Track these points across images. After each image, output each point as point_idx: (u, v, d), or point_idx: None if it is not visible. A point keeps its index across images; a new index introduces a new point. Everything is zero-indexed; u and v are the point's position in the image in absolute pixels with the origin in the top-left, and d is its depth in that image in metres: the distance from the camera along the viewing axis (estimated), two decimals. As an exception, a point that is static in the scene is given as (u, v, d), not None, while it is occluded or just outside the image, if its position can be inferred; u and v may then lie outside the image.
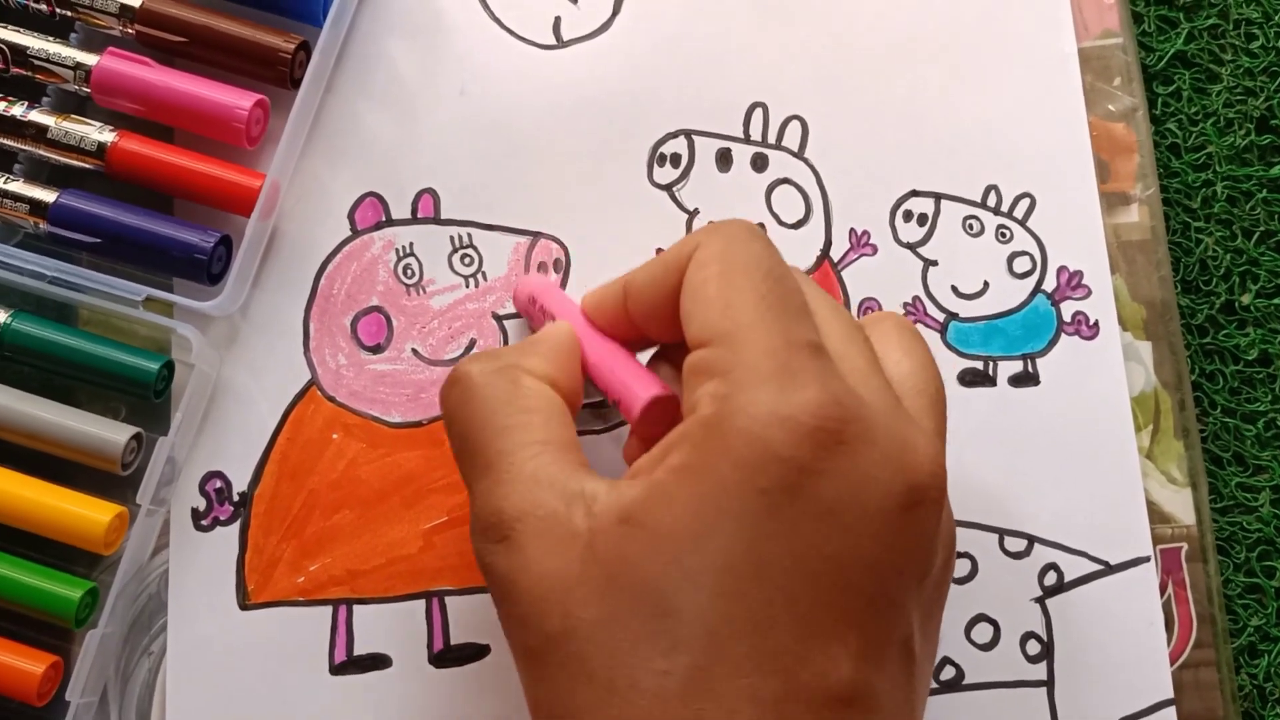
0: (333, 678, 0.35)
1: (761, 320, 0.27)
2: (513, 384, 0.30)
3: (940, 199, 0.38)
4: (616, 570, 0.26)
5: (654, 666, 0.25)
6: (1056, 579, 0.36)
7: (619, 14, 0.39)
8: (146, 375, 0.35)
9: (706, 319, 0.28)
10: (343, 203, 0.38)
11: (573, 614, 0.26)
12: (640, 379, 0.31)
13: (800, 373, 0.26)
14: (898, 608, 0.27)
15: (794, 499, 0.26)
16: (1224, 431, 0.39)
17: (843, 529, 0.26)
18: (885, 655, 0.27)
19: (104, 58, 0.36)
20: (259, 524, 0.36)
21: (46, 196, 0.36)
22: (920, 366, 0.30)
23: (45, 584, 0.34)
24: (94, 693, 0.35)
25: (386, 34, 0.39)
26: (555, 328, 0.32)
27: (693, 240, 0.30)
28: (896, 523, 0.27)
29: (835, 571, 0.26)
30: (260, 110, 0.37)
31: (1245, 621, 0.38)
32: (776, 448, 0.26)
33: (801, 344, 0.27)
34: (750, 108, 0.39)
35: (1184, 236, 0.40)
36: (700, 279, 0.29)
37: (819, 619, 0.26)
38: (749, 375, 0.26)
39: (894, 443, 0.27)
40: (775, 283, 0.28)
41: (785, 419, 0.26)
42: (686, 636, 0.25)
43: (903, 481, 0.27)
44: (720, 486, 0.26)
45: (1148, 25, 0.40)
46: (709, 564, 0.26)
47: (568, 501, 0.27)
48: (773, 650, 0.25)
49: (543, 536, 0.27)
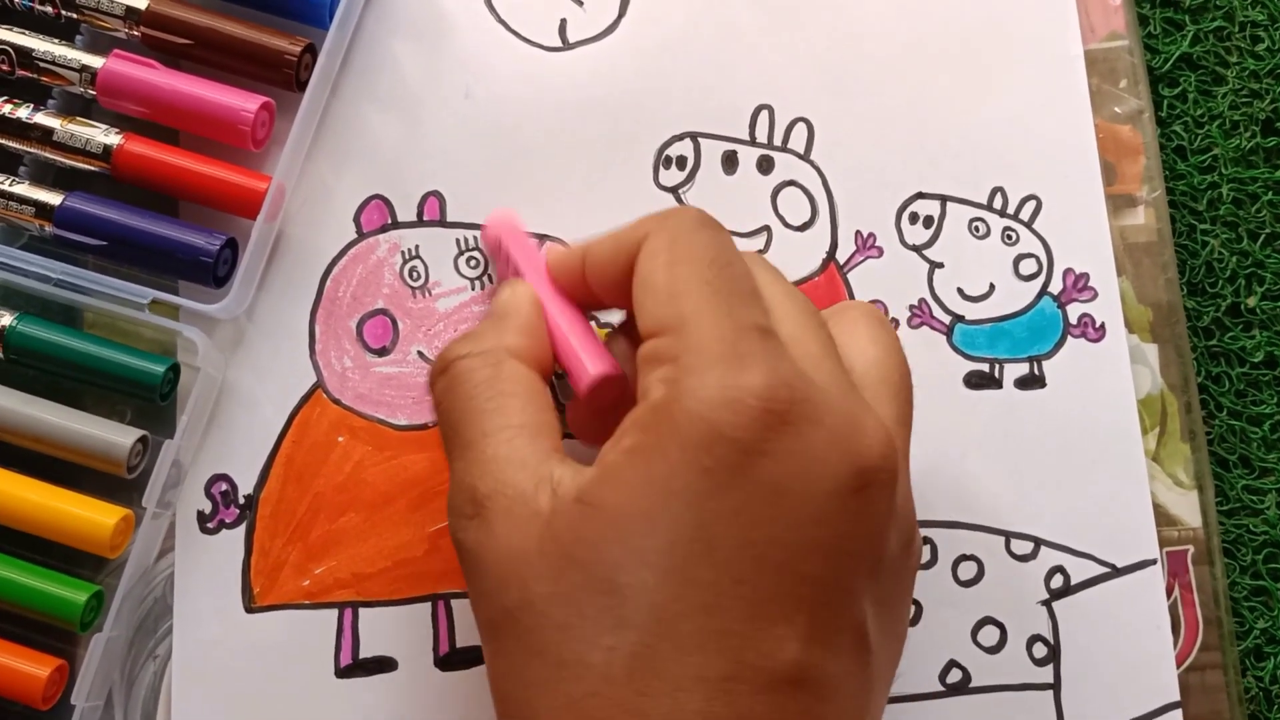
0: (338, 681, 0.35)
1: (709, 306, 0.28)
2: (494, 368, 0.30)
3: (946, 201, 0.38)
4: (570, 548, 0.27)
5: (601, 642, 0.26)
6: (1063, 582, 0.36)
7: (625, 16, 0.39)
8: (152, 378, 0.35)
9: (656, 309, 0.28)
10: (348, 205, 0.38)
11: (529, 588, 0.27)
12: (591, 354, 0.32)
13: (748, 355, 0.27)
14: (847, 592, 0.27)
15: (740, 479, 0.26)
16: (1230, 434, 0.39)
17: (790, 510, 0.26)
18: (835, 641, 0.27)
19: (109, 60, 0.36)
20: (265, 527, 0.36)
21: (52, 199, 0.36)
22: (885, 354, 0.31)
23: (50, 587, 0.34)
24: (99, 696, 0.35)
25: (392, 36, 0.39)
26: (521, 294, 0.33)
27: (643, 228, 0.30)
28: (845, 505, 0.27)
29: (782, 553, 0.26)
30: (266, 113, 0.37)
31: (1251, 624, 0.38)
32: (722, 428, 0.26)
33: (749, 327, 0.27)
34: (756, 110, 0.39)
35: (1190, 239, 0.40)
36: (648, 269, 0.29)
37: (766, 600, 0.26)
38: (697, 359, 0.27)
39: (843, 425, 0.27)
40: (721, 269, 0.29)
41: (731, 400, 0.26)
42: (633, 614, 0.26)
43: (850, 464, 0.27)
44: (668, 467, 0.26)
45: (1153, 27, 0.40)
46: (657, 544, 0.26)
47: (536, 483, 0.28)
48: (719, 630, 0.26)
49: (509, 514, 0.28)
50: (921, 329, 0.38)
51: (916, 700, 0.36)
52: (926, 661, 0.36)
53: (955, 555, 0.36)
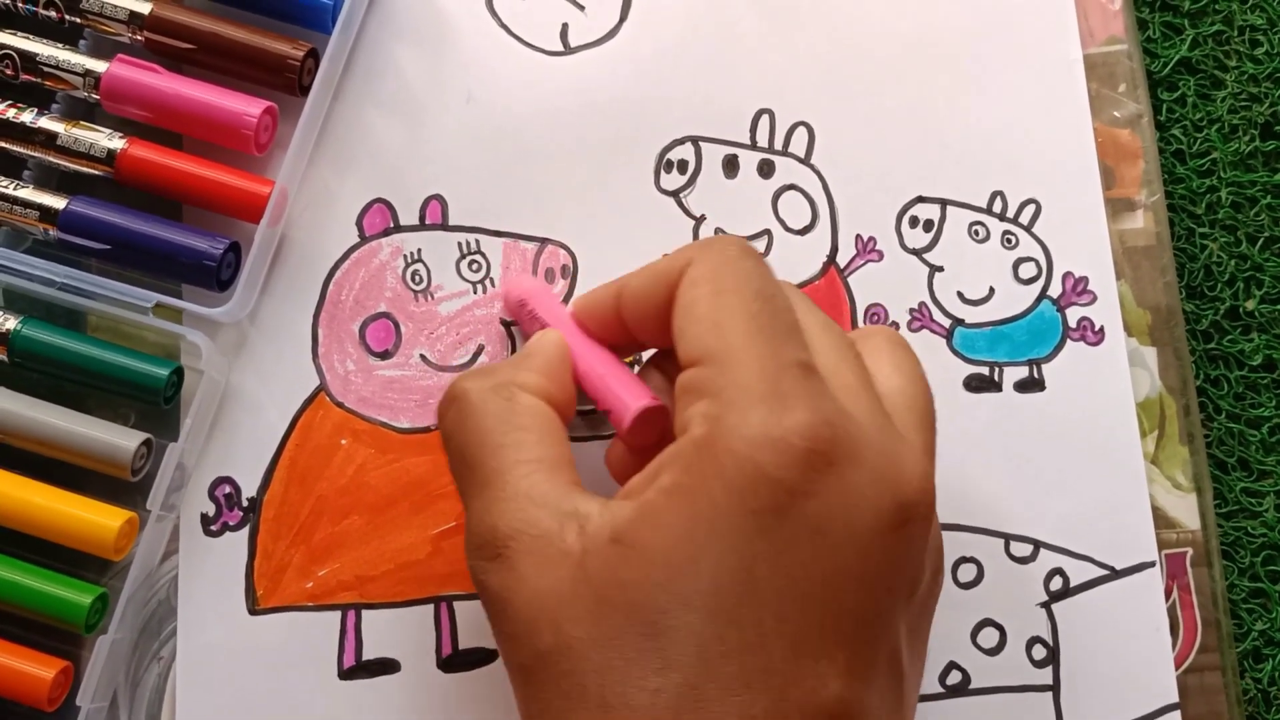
0: (342, 682, 0.36)
1: (752, 341, 0.28)
2: (508, 401, 0.30)
3: (946, 205, 0.39)
4: (608, 590, 0.26)
5: (647, 685, 0.26)
6: (1062, 584, 0.36)
7: (626, 20, 0.39)
8: (156, 381, 0.35)
9: (698, 339, 0.28)
10: (351, 209, 0.38)
11: (564, 631, 0.26)
12: (630, 388, 0.31)
13: (791, 394, 0.27)
14: (886, 624, 0.27)
15: (784, 520, 0.26)
16: (1228, 437, 0.39)
17: (832, 548, 0.26)
18: (873, 671, 0.27)
19: (113, 65, 0.37)
20: (268, 529, 0.36)
21: (56, 203, 0.36)
22: (910, 382, 0.31)
23: (55, 589, 0.34)
24: (104, 698, 0.35)
25: (394, 41, 0.39)
26: (546, 337, 0.33)
27: (685, 256, 0.30)
28: (885, 541, 0.27)
29: (825, 590, 0.26)
30: (269, 117, 0.37)
31: (1250, 626, 0.38)
32: (767, 469, 0.26)
33: (792, 364, 0.27)
34: (757, 114, 0.39)
35: (1189, 242, 0.40)
36: (691, 298, 0.29)
37: (809, 637, 0.26)
38: (740, 396, 0.27)
39: (883, 461, 0.27)
40: (765, 302, 0.28)
41: (776, 440, 0.26)
42: (678, 656, 0.26)
43: (891, 500, 0.27)
44: (711, 508, 0.26)
45: (1152, 31, 0.41)
46: (700, 586, 0.26)
47: (560, 520, 0.27)
48: (763, 669, 0.26)
49: (535, 555, 0.27)
50: (921, 332, 0.38)
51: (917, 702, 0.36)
52: (927, 663, 0.36)
53: (955, 557, 0.36)
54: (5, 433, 0.35)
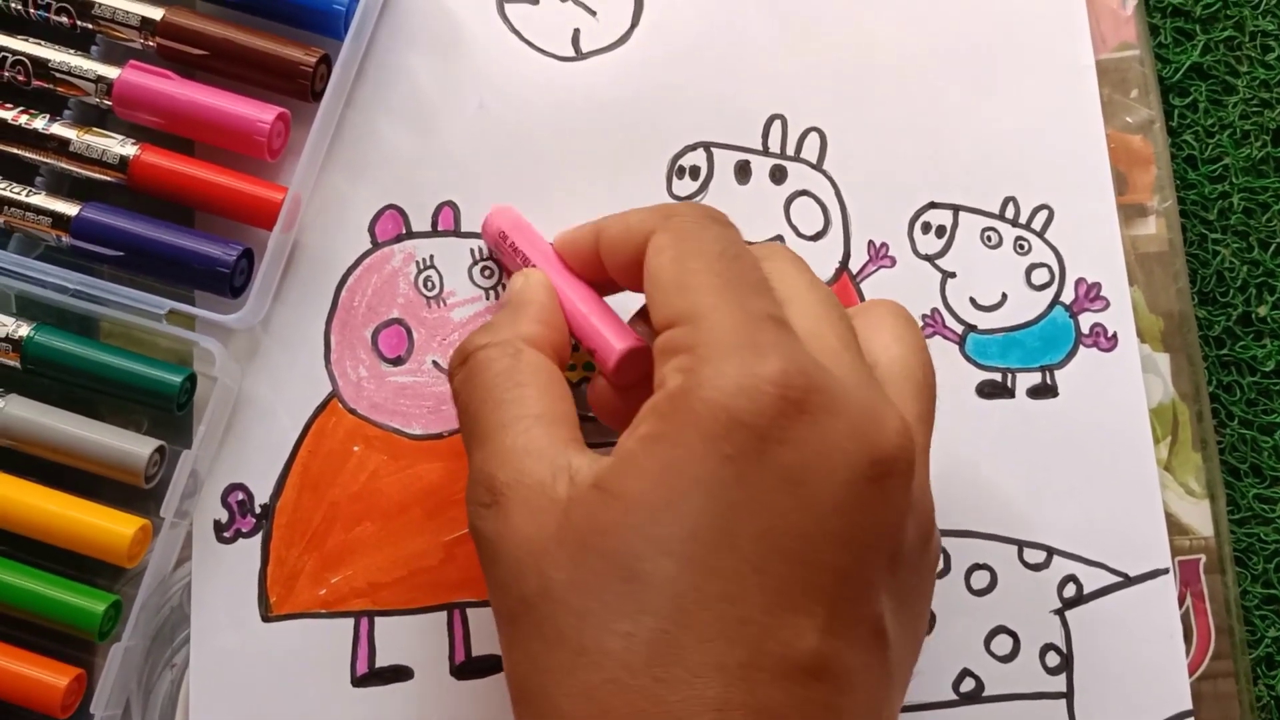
0: (355, 689, 0.36)
1: (720, 298, 0.28)
2: (513, 358, 0.31)
3: (958, 211, 0.39)
4: (589, 536, 0.27)
5: (620, 629, 0.26)
6: (1076, 591, 0.36)
7: (638, 26, 0.39)
8: (169, 388, 0.35)
9: (667, 303, 0.29)
10: (363, 215, 0.38)
11: (547, 576, 0.27)
12: (614, 329, 0.32)
13: (764, 344, 0.27)
14: (865, 584, 0.27)
15: (760, 467, 0.26)
16: (1241, 443, 0.39)
17: (808, 499, 0.26)
18: (854, 632, 0.27)
19: (125, 71, 0.36)
20: (281, 536, 0.36)
21: (69, 210, 0.36)
22: (910, 352, 0.31)
23: (69, 597, 0.34)
24: (117, 705, 0.35)
25: (406, 47, 0.39)
26: (535, 281, 0.33)
27: (650, 222, 0.31)
28: (863, 495, 0.27)
29: (801, 542, 0.26)
30: (282, 123, 0.37)
31: (1263, 633, 0.38)
32: (741, 415, 0.26)
33: (763, 317, 0.28)
34: (769, 120, 0.39)
35: (1201, 248, 0.40)
36: (656, 264, 0.30)
37: (786, 589, 0.26)
38: (713, 349, 0.27)
39: (860, 415, 0.27)
40: (731, 261, 0.29)
41: (749, 387, 0.26)
42: (653, 602, 0.26)
43: (868, 453, 0.27)
44: (688, 454, 0.26)
45: (1164, 37, 0.41)
46: (678, 532, 0.26)
47: (554, 472, 0.28)
48: (739, 618, 0.26)
49: (527, 502, 0.28)
50: (934, 338, 0.38)
51: (930, 709, 0.36)
52: (940, 670, 0.36)
53: (968, 564, 0.36)
54: (19, 440, 0.35)
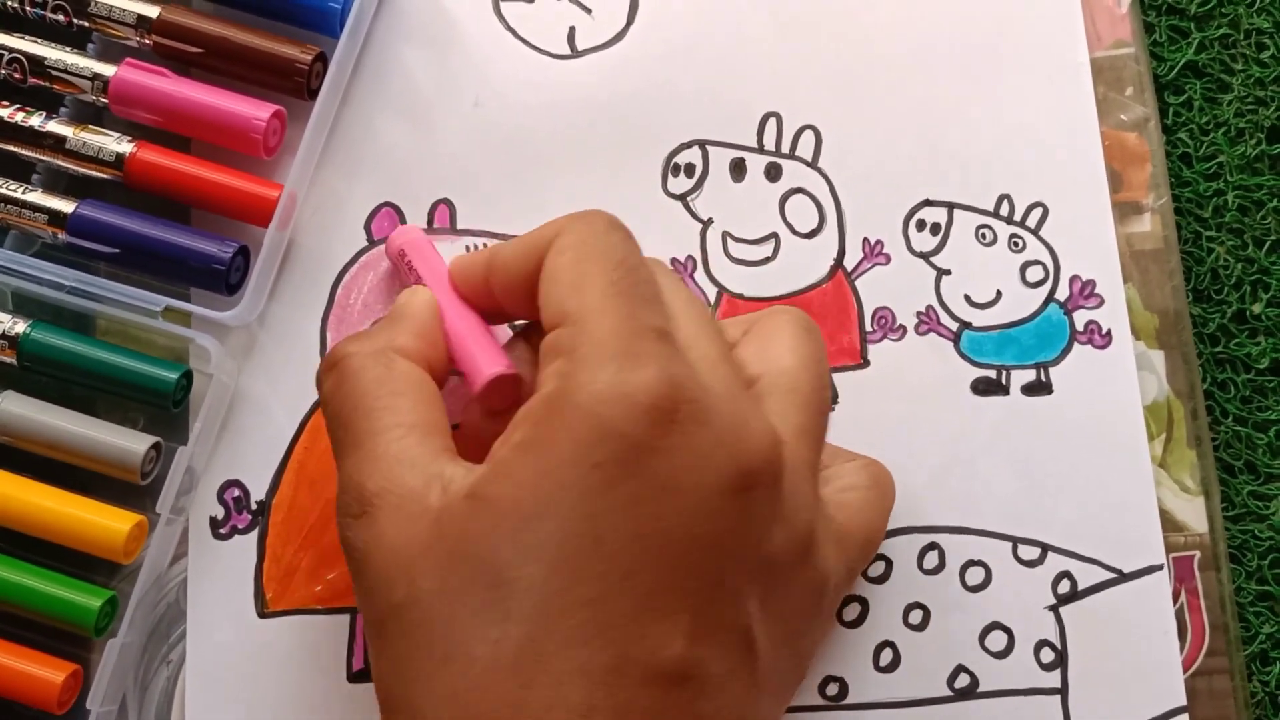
0: (351, 685, 0.36)
1: (609, 304, 0.28)
2: (386, 367, 0.30)
3: (953, 208, 0.39)
4: (458, 544, 0.27)
5: (487, 635, 0.26)
6: (1070, 587, 0.36)
7: (633, 24, 0.39)
8: (165, 385, 0.35)
9: (558, 301, 0.29)
10: (359, 213, 0.38)
11: (415, 584, 0.27)
12: (487, 353, 0.32)
13: (642, 354, 0.27)
14: (730, 591, 0.27)
15: (629, 475, 0.26)
16: (1236, 440, 0.39)
17: (677, 507, 0.27)
18: (719, 639, 0.27)
19: (121, 68, 0.37)
20: (277, 533, 0.36)
21: (65, 207, 0.36)
22: (801, 366, 0.31)
23: (65, 593, 0.34)
24: (113, 701, 0.35)
25: (402, 45, 0.39)
26: (418, 296, 0.33)
27: (555, 226, 0.31)
28: (727, 504, 0.27)
29: (668, 548, 0.27)
30: (277, 121, 0.37)
31: (1257, 629, 0.38)
32: (613, 423, 0.26)
33: (647, 329, 0.28)
34: (764, 118, 0.39)
35: (1195, 246, 0.40)
36: (555, 264, 0.30)
37: (653, 596, 0.26)
38: (592, 354, 0.27)
39: (729, 426, 0.28)
40: (627, 271, 0.29)
41: (623, 396, 0.27)
42: (519, 608, 0.26)
43: (734, 464, 0.27)
44: (559, 461, 0.26)
45: (1159, 35, 0.41)
46: (546, 537, 0.26)
47: (426, 481, 0.28)
48: (604, 623, 0.26)
49: (398, 511, 0.28)
50: (929, 335, 0.38)
51: (924, 705, 0.36)
52: (934, 666, 0.36)
53: (963, 561, 0.37)
54: (15, 436, 0.35)
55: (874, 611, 0.36)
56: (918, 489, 0.37)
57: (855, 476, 0.34)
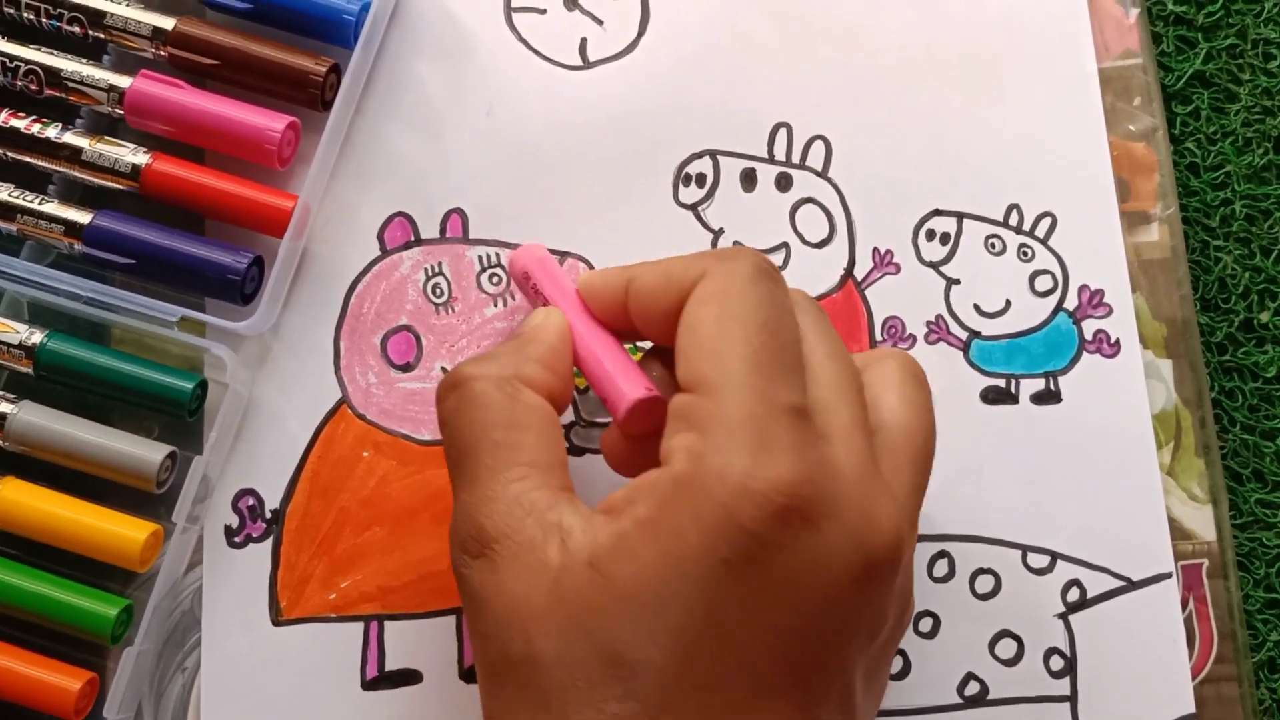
0: (365, 693, 0.36)
1: (748, 377, 0.27)
2: (510, 398, 0.30)
3: (962, 218, 0.39)
4: (579, 613, 0.27)
5: (606, 709, 0.26)
6: (1079, 595, 0.37)
7: (644, 35, 0.40)
8: (181, 394, 0.35)
9: (695, 364, 0.28)
10: (372, 223, 0.38)
11: (534, 643, 0.27)
12: (628, 376, 0.31)
13: (777, 443, 0.27)
14: (844, 667, 0.28)
15: (754, 570, 0.26)
16: (1244, 448, 0.39)
17: (799, 600, 0.27)
18: (827, 709, 0.28)
19: (137, 80, 0.37)
20: (291, 541, 0.37)
21: (81, 218, 0.36)
22: (915, 416, 0.31)
23: (81, 601, 0.35)
24: (129, 709, 0.36)
25: (415, 56, 0.39)
26: (550, 320, 0.32)
27: (700, 266, 0.30)
28: (851, 593, 0.27)
29: (788, 638, 0.27)
30: (292, 132, 0.37)
31: (1265, 636, 0.38)
32: (743, 519, 0.26)
33: (785, 408, 0.27)
34: (775, 128, 0.39)
35: (1203, 255, 0.40)
36: (696, 318, 0.29)
37: (768, 679, 0.27)
38: (726, 438, 0.27)
39: (858, 516, 0.27)
40: (770, 336, 0.28)
41: (754, 493, 0.26)
42: (639, 687, 0.26)
43: (862, 557, 0.27)
44: (683, 549, 0.26)
45: (1167, 45, 0.41)
46: (666, 624, 0.26)
47: (545, 531, 0.28)
48: (721, 706, 0.26)
49: (517, 560, 0.28)
50: (939, 345, 0.38)
51: (935, 712, 0.36)
52: (944, 674, 0.36)
53: (973, 569, 0.37)
54: (31, 446, 0.35)
55: (884, 619, 0.37)
56: (927, 497, 0.37)
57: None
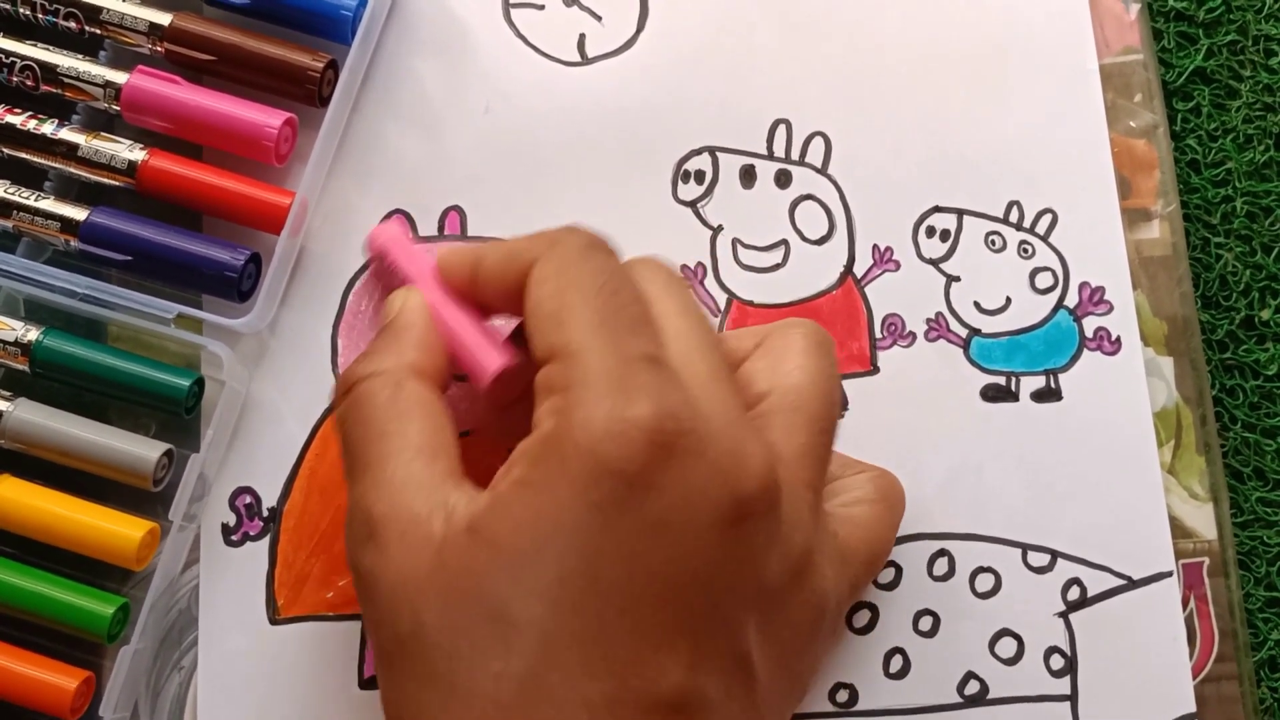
0: (362, 692, 0.36)
1: (596, 335, 0.28)
2: (394, 389, 0.30)
3: (962, 215, 0.39)
4: (460, 578, 0.27)
5: (490, 669, 0.26)
6: (1080, 594, 0.37)
7: (643, 31, 0.39)
8: (178, 392, 0.35)
9: (545, 337, 0.29)
10: (370, 220, 0.38)
11: (420, 616, 0.27)
12: (486, 350, 0.32)
13: (635, 386, 0.27)
14: (728, 621, 0.28)
15: (626, 514, 0.27)
16: (1244, 446, 0.39)
17: (672, 542, 0.27)
18: (718, 667, 0.27)
19: (133, 76, 0.37)
20: (288, 539, 0.36)
21: (77, 214, 0.36)
22: (809, 383, 0.31)
23: (78, 600, 0.35)
24: (126, 708, 0.35)
25: (413, 52, 0.39)
26: (411, 304, 0.33)
27: (533, 250, 0.30)
28: (723, 536, 0.27)
29: (666, 583, 0.27)
30: (289, 128, 0.37)
31: (1266, 635, 0.38)
32: (609, 461, 0.26)
33: (637, 357, 0.28)
34: (774, 124, 0.39)
35: (1204, 252, 0.40)
36: (537, 298, 0.30)
37: (651, 628, 0.27)
38: (585, 390, 0.27)
39: (725, 455, 0.27)
40: (610, 297, 0.29)
41: (617, 434, 0.27)
42: (521, 644, 0.26)
43: (729, 495, 0.27)
44: (555, 501, 0.27)
45: (1167, 41, 0.41)
46: (544, 577, 0.26)
47: (430, 508, 0.28)
48: (605, 657, 0.26)
49: (404, 538, 0.28)
50: (938, 342, 0.38)
51: (934, 711, 0.36)
52: (944, 673, 0.36)
53: (973, 567, 0.37)
54: (28, 443, 0.35)
55: (884, 618, 0.36)
56: (927, 496, 0.37)
57: (863, 489, 0.34)
